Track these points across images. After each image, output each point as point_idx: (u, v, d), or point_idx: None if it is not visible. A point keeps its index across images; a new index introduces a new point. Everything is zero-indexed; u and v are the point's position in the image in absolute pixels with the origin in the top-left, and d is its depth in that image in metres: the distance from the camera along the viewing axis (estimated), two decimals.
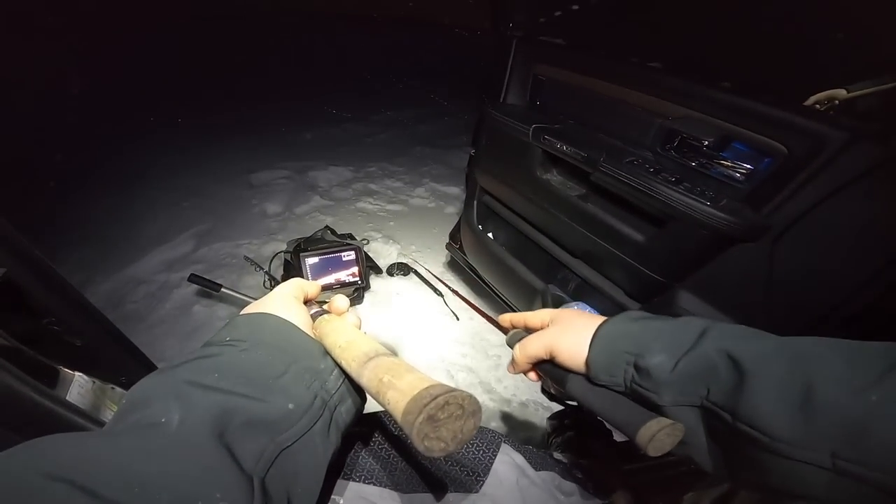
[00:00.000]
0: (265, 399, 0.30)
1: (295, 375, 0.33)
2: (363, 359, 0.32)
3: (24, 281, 0.52)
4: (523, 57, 1.22)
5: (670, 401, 0.35)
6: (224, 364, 0.31)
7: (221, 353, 0.32)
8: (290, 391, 0.32)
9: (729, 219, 0.78)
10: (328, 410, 0.34)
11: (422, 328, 1.64)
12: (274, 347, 0.34)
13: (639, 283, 1.03)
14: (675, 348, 0.36)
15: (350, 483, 0.44)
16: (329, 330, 0.38)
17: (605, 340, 0.40)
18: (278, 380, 0.32)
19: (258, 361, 0.33)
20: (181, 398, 0.28)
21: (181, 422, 0.26)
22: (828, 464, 0.27)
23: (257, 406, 0.30)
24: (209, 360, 0.32)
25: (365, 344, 0.34)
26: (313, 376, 0.34)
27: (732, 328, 0.36)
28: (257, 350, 0.33)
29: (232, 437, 0.27)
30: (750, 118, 0.79)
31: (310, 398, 0.33)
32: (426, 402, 0.24)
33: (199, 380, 0.29)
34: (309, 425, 0.32)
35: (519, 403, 1.37)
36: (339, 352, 0.35)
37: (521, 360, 0.48)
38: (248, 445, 0.28)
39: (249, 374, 0.31)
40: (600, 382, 0.40)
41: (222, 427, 0.27)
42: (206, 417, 0.27)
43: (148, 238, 2.05)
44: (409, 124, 3.79)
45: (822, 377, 0.28)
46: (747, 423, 0.30)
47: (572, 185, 1.13)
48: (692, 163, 0.91)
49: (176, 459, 0.24)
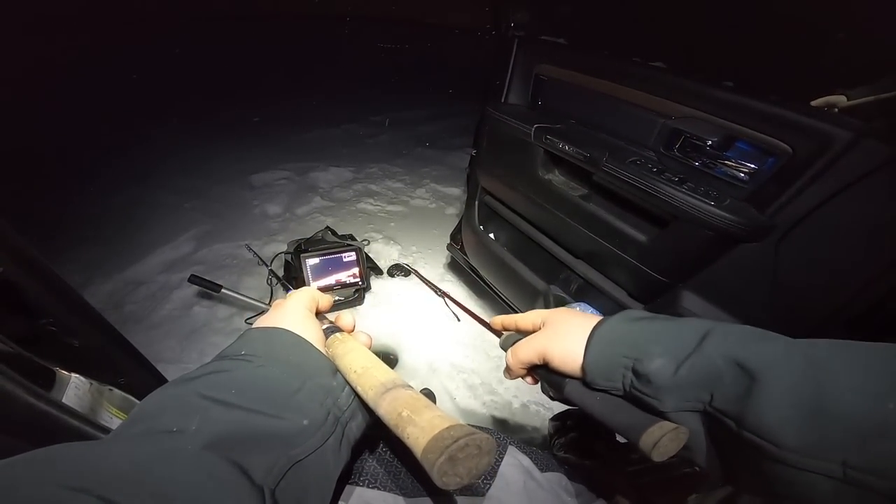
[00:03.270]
0: (281, 416, 0.30)
1: (309, 392, 0.33)
2: (380, 389, 0.32)
3: (20, 281, 0.52)
4: (525, 56, 1.21)
5: (672, 406, 0.34)
6: (240, 380, 0.32)
7: (237, 367, 0.33)
8: (304, 408, 0.32)
9: (733, 219, 0.78)
10: (340, 426, 0.34)
11: (422, 329, 1.63)
12: (289, 364, 0.34)
13: (641, 283, 1.03)
14: (675, 352, 0.34)
15: (355, 488, 0.43)
16: (342, 352, 0.38)
17: (601, 344, 0.38)
18: (293, 396, 0.32)
19: (273, 378, 0.33)
20: (196, 411, 0.28)
21: (196, 432, 0.26)
22: (838, 473, 0.26)
23: (273, 422, 0.30)
24: (224, 375, 0.32)
25: (381, 373, 0.34)
26: (326, 393, 0.35)
27: (736, 329, 0.34)
28: (272, 366, 0.33)
29: (244, 449, 0.28)
30: (754, 118, 0.78)
31: (323, 415, 0.33)
32: (448, 443, 0.25)
33: (215, 394, 0.30)
34: (322, 441, 0.32)
35: (521, 405, 1.37)
36: (354, 377, 0.35)
37: (514, 367, 0.46)
38: (260, 458, 0.28)
39: (265, 391, 0.31)
40: (598, 387, 0.38)
41: (235, 439, 0.27)
42: (219, 430, 0.27)
43: (148, 239, 2.05)
44: (410, 125, 3.79)
45: (836, 385, 0.27)
46: (754, 431, 0.29)
47: (574, 185, 1.13)
48: (695, 163, 0.90)
49: (190, 468, 0.24)
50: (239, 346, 0.35)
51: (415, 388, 0.33)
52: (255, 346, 0.35)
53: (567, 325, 0.42)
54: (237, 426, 0.28)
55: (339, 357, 0.38)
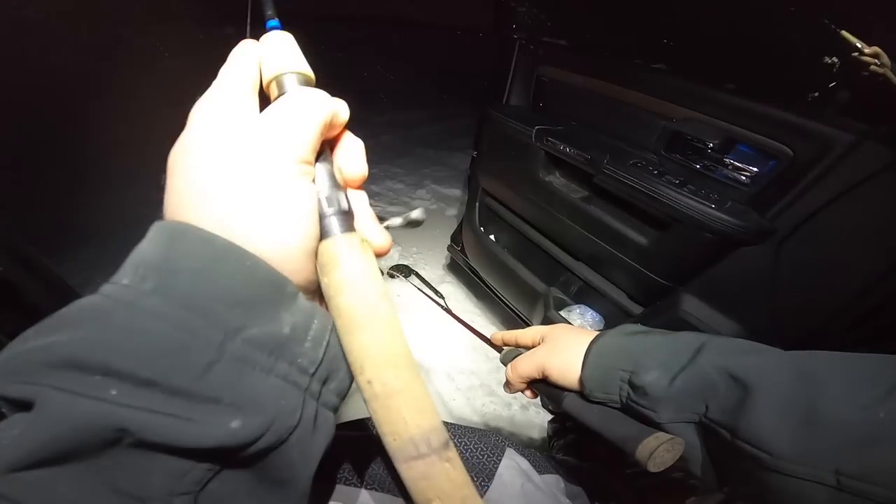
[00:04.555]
0: (179, 415, 0.17)
1: (237, 360, 0.18)
2: (408, 447, 0.21)
3: (19, 279, 0.52)
4: (526, 58, 1.21)
5: (668, 417, 0.35)
6: (111, 344, 0.17)
7: (109, 317, 0.18)
8: (230, 392, 0.18)
9: (734, 221, 0.78)
10: (311, 399, 0.21)
11: (423, 330, 1.63)
12: (199, 306, 0.18)
13: (642, 286, 1.02)
14: (670, 364, 0.36)
15: (348, 488, 0.43)
16: (353, 318, 0.21)
17: (598, 358, 0.40)
18: (205, 375, 0.17)
19: (166, 337, 0.17)
20: (34, 397, 0.15)
21: (18, 439, 0.15)
22: (831, 481, 0.26)
23: (172, 426, 0.17)
24: (79, 333, 0.17)
25: (414, 414, 0.21)
26: (275, 352, 0.19)
27: (730, 342, 0.36)
28: (171, 313, 0.18)
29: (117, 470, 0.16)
30: (755, 120, 0.78)
31: (273, 396, 0.19)
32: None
33: (67, 373, 0.16)
34: (278, 439, 0.19)
35: (520, 406, 1.36)
36: (365, 384, 0.21)
37: (514, 381, 0.47)
38: (147, 480, 0.17)
39: (149, 365, 0.17)
40: (595, 400, 0.39)
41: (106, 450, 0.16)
42: (52, 443, 0.15)
43: None
44: (411, 126, 3.79)
45: (827, 394, 0.28)
46: (747, 440, 0.30)
47: (575, 187, 1.13)
48: (696, 165, 0.90)
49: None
50: (128, 267, 0.20)
51: (454, 451, 0.23)
52: (149, 262, 0.20)
53: (565, 341, 0.43)
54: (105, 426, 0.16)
55: (344, 315, 0.21)
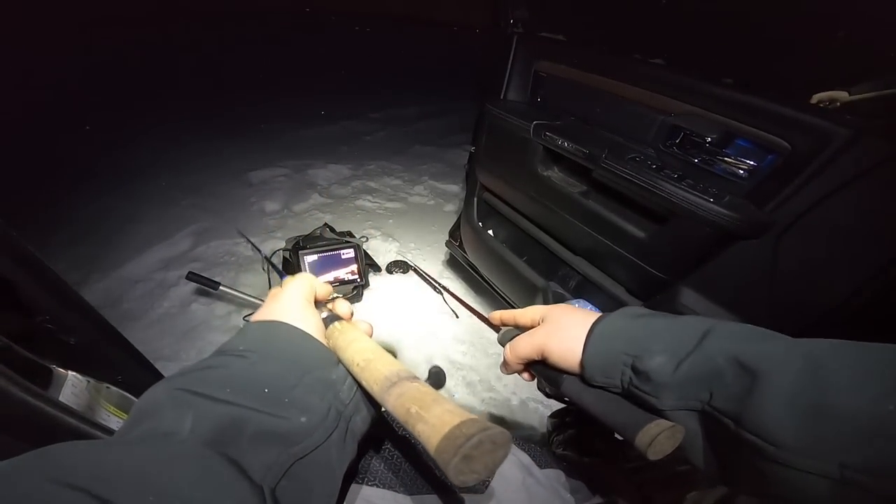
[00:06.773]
0: (278, 413, 0.30)
1: (307, 387, 0.32)
2: (385, 383, 0.31)
3: (16, 278, 0.51)
4: (524, 53, 1.21)
5: (670, 405, 0.34)
6: (236, 377, 0.31)
7: (233, 364, 0.32)
8: (302, 403, 0.31)
9: (732, 215, 0.78)
10: (343, 421, 0.33)
11: (421, 326, 1.63)
12: (286, 359, 0.34)
13: (641, 280, 1.03)
14: (676, 349, 0.34)
15: (360, 487, 0.43)
16: (344, 343, 0.37)
17: (600, 340, 0.38)
18: (290, 392, 0.31)
19: (270, 374, 0.32)
20: (190, 408, 0.28)
21: (191, 431, 0.26)
22: (835, 474, 0.26)
23: (270, 420, 0.29)
24: (221, 372, 0.31)
25: (384, 366, 0.33)
26: (326, 387, 0.34)
27: (737, 328, 0.34)
28: (268, 362, 0.33)
29: (240, 447, 0.27)
30: (753, 115, 0.78)
31: (324, 410, 0.32)
32: (461, 442, 0.24)
33: (211, 392, 0.29)
34: (324, 437, 0.31)
35: (519, 401, 1.37)
36: (357, 370, 0.34)
37: (511, 361, 0.46)
38: (257, 456, 0.27)
39: (260, 388, 0.31)
40: (596, 384, 0.38)
41: (230, 437, 0.27)
42: (214, 428, 0.27)
43: (146, 236, 2.04)
44: (408, 122, 3.77)
45: (836, 384, 0.27)
46: (752, 430, 0.29)
47: (574, 181, 1.13)
48: (695, 159, 0.90)
49: (187, 469, 0.24)
50: (237, 342, 0.34)
51: (421, 379, 0.32)
52: (252, 342, 0.34)
53: (566, 321, 0.41)
54: (233, 425, 0.28)
55: (340, 350, 0.37)
